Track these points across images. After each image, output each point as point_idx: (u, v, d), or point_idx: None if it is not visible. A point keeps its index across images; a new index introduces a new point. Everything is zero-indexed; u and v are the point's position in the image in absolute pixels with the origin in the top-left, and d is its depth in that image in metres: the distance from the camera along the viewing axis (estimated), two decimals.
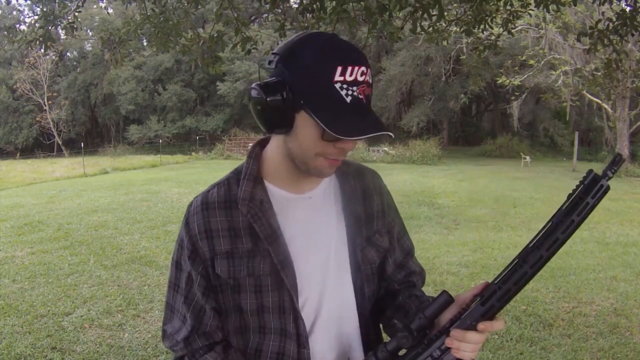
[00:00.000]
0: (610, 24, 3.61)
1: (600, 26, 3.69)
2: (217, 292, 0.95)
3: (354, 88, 0.81)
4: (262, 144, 1.00)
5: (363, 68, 0.81)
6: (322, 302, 0.95)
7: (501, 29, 4.41)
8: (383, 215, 1.05)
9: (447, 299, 0.85)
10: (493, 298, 0.80)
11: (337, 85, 0.80)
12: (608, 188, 0.74)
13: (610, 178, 0.73)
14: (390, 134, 0.83)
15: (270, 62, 0.85)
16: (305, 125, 0.84)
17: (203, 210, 0.94)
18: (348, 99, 0.80)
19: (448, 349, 0.83)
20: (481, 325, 0.81)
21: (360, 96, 0.81)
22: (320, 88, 0.80)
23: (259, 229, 0.92)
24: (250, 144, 1.04)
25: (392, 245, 1.06)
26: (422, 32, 3.80)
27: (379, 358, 0.87)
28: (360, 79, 0.81)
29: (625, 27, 3.51)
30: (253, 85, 0.85)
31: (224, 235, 0.92)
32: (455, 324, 0.82)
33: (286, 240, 0.93)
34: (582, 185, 0.76)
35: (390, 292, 1.07)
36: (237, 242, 0.92)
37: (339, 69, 0.80)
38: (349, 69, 0.80)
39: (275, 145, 0.95)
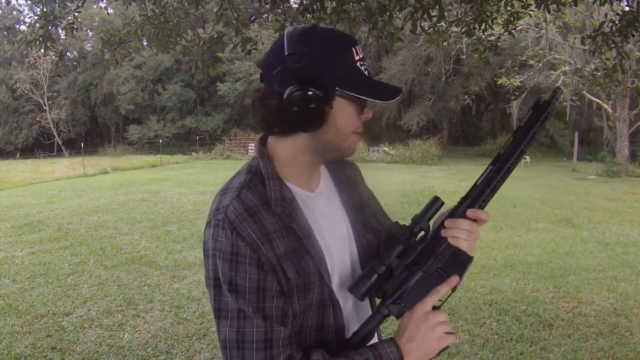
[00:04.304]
0: (614, 26, 3.60)
1: (604, 28, 3.69)
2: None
3: (365, 63, 0.91)
4: (264, 143, 0.99)
5: (360, 45, 0.92)
6: (348, 292, 0.98)
7: (502, 30, 4.41)
8: (370, 201, 1.12)
9: (435, 198, 0.95)
10: (474, 192, 0.93)
11: (358, 64, 0.90)
12: (552, 111, 0.92)
13: (553, 105, 0.91)
14: (402, 88, 0.93)
15: (297, 61, 0.87)
16: (343, 109, 0.90)
17: (252, 215, 0.87)
18: (366, 73, 0.90)
19: (445, 241, 0.92)
20: (469, 212, 0.92)
21: (369, 68, 0.92)
22: (348, 71, 0.89)
23: (297, 229, 0.91)
24: (251, 144, 1.02)
25: (380, 228, 1.11)
26: (423, 33, 3.80)
27: (387, 264, 0.93)
28: (363, 54, 0.91)
29: (628, 28, 3.51)
30: (291, 86, 0.86)
31: (279, 236, 0.88)
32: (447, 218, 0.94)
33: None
34: (535, 112, 0.92)
35: None
36: (287, 242, 0.89)
37: (354, 49, 0.89)
38: (358, 48, 0.90)
39: (293, 145, 0.94)
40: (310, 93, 0.85)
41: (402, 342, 0.90)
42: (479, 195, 0.92)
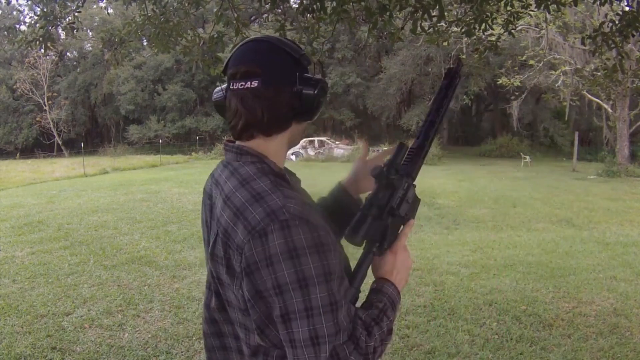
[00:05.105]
0: (614, 26, 3.60)
1: (604, 28, 3.69)
2: None
3: None
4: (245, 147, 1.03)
5: None
6: None
7: (502, 30, 4.41)
8: None
9: (401, 144, 1.10)
10: (426, 145, 1.15)
11: None
12: (459, 78, 1.18)
13: (458, 69, 1.16)
14: None
15: (308, 62, 1.01)
16: None
17: (310, 206, 0.93)
18: None
19: (409, 187, 1.07)
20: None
21: None
22: None
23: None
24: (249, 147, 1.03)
25: None
26: (423, 33, 3.80)
27: (377, 205, 1.02)
28: None
29: (628, 28, 3.51)
30: (323, 80, 0.99)
31: (325, 220, 0.96)
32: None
33: None
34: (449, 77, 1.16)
35: None
36: None
37: None
38: None
39: (280, 141, 1.01)
40: (317, 87, 0.97)
41: (394, 279, 1.03)
42: (425, 152, 1.14)
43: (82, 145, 22.08)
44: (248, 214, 0.87)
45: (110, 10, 30.58)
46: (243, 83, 0.94)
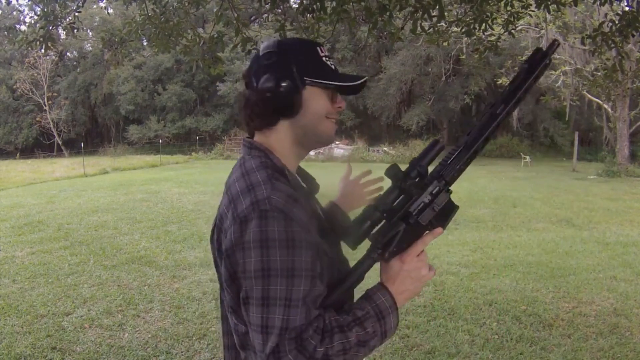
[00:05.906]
0: (614, 26, 3.61)
1: (604, 28, 3.69)
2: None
3: (330, 59, 1.06)
4: (255, 142, 1.08)
5: (323, 46, 1.07)
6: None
7: (502, 30, 4.41)
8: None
9: (435, 140, 0.98)
10: (476, 144, 0.99)
11: (324, 59, 1.04)
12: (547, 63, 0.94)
13: (549, 59, 0.93)
14: (367, 77, 1.07)
15: (268, 58, 1.02)
16: (314, 96, 1.02)
17: (296, 201, 0.92)
18: (332, 67, 1.05)
19: (439, 192, 0.96)
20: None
21: (335, 64, 1.07)
22: (315, 64, 1.02)
23: (320, 211, 1.05)
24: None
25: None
26: (423, 33, 3.80)
27: (381, 210, 0.95)
28: (327, 53, 1.06)
29: (628, 28, 3.51)
30: (266, 76, 0.99)
31: (312, 218, 0.96)
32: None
33: None
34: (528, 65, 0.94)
35: None
36: (316, 224, 0.97)
37: (318, 49, 1.04)
38: (322, 47, 1.06)
39: (281, 137, 1.04)
40: (280, 81, 0.98)
41: (394, 289, 0.97)
42: (474, 151, 0.99)
43: (82, 145, 22.08)
44: (238, 203, 0.92)
45: (110, 10, 30.57)
46: (240, 87, 1.07)
